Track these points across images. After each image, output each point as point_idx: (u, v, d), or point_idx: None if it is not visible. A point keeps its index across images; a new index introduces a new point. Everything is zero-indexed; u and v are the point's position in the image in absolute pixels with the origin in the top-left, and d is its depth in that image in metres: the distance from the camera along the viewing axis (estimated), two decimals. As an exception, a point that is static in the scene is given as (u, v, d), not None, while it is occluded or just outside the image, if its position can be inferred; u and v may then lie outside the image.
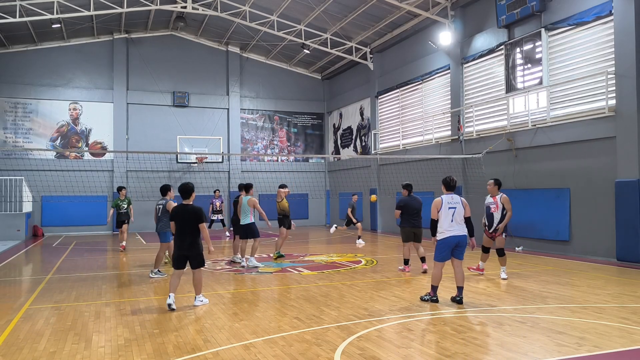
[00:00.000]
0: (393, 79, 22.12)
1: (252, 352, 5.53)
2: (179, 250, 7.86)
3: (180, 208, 7.95)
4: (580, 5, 13.40)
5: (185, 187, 8.05)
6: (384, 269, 11.64)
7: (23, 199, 20.39)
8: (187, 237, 7.79)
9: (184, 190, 8.03)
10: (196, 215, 7.83)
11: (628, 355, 5.35)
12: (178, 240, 7.86)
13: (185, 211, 7.87)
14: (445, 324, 6.60)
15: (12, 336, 6.33)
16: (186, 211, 7.87)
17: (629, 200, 11.92)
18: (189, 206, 7.94)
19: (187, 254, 7.84)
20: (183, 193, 8.02)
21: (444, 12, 18.25)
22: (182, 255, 7.86)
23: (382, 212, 23.22)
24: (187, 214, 7.83)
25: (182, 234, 7.81)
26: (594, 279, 9.92)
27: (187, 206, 7.94)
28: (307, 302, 8.04)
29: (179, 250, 7.86)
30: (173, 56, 26.04)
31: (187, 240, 7.80)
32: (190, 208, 7.91)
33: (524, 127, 15.08)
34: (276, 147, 28.13)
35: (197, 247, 7.88)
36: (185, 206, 7.94)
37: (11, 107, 23.61)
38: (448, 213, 7.86)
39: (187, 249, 7.81)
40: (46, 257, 15.12)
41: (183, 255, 7.86)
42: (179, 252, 7.86)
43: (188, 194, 8.03)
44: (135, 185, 22.76)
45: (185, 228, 7.80)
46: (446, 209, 7.88)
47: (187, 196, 8.02)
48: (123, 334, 6.35)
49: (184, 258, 7.88)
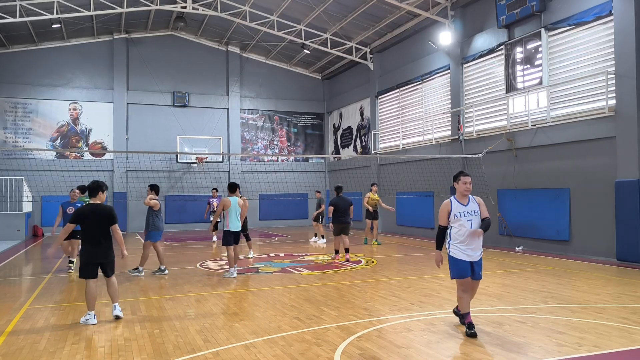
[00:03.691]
0: (393, 79, 22.11)
1: (252, 352, 5.53)
2: (91, 257, 6.99)
3: (89, 208, 7.05)
4: (580, 5, 13.40)
5: (95, 185, 7.18)
6: (384, 269, 11.64)
7: (23, 199, 20.39)
8: (102, 241, 6.99)
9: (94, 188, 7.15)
10: (109, 217, 7.07)
11: (628, 355, 5.35)
12: (89, 246, 6.98)
13: (95, 212, 7.01)
14: (445, 324, 6.60)
15: (12, 336, 6.33)
16: (97, 212, 7.03)
17: (629, 200, 11.92)
18: (101, 206, 7.12)
19: (102, 260, 7.08)
20: (92, 191, 7.14)
21: (444, 12, 18.25)
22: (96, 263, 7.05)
23: (381, 212, 23.18)
24: (99, 215, 7.01)
25: (94, 238, 6.97)
26: (594, 279, 9.92)
27: (99, 206, 7.10)
28: (307, 302, 8.04)
29: (91, 258, 6.99)
30: (173, 56, 26.04)
31: (102, 245, 7.01)
32: (102, 208, 7.10)
33: (524, 127, 15.08)
34: (276, 147, 28.13)
35: (112, 252, 7.16)
36: (96, 206, 7.09)
37: (11, 107, 23.61)
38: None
39: (102, 255, 7.04)
40: (46, 257, 15.12)
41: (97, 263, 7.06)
42: (91, 259, 7.00)
43: (96, 192, 7.15)
44: (135, 185, 22.79)
45: (97, 231, 6.97)
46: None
47: (94, 194, 7.15)
48: (123, 334, 6.35)
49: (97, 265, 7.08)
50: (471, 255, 6.19)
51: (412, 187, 20.12)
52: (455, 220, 6.21)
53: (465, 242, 6.18)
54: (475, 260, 6.21)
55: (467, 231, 6.16)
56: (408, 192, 20.50)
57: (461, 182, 6.31)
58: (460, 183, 6.31)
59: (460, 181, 6.32)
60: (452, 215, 6.21)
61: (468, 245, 6.18)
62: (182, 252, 14.12)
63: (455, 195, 6.38)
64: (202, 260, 13.42)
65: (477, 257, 6.22)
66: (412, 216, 20.80)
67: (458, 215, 6.20)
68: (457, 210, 6.21)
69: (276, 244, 17.78)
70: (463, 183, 6.30)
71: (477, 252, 6.21)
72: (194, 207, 24.80)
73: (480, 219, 6.25)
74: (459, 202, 6.28)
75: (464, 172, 6.47)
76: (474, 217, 6.21)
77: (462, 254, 6.18)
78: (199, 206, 24.63)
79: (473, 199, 6.36)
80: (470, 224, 6.18)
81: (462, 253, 6.18)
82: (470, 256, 6.19)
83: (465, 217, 6.18)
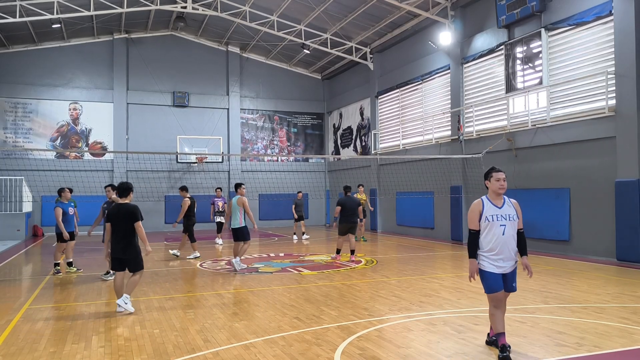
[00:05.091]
0: (393, 79, 22.12)
1: (252, 352, 5.53)
2: (113, 252, 7.65)
3: (116, 207, 7.73)
4: (580, 5, 13.40)
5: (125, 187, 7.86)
6: (384, 268, 11.63)
7: (23, 199, 20.39)
8: (122, 238, 7.56)
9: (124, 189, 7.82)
10: (132, 215, 7.59)
11: (628, 355, 5.34)
12: (113, 242, 7.64)
13: (120, 210, 7.64)
14: (445, 324, 6.60)
15: (12, 336, 6.33)
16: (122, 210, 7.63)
17: (629, 200, 11.92)
18: (126, 205, 7.70)
19: (121, 256, 7.60)
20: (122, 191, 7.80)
21: (444, 12, 18.25)
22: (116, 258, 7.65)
23: (381, 212, 23.23)
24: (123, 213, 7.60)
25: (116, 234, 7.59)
26: (594, 279, 9.92)
27: (124, 205, 7.70)
28: (307, 302, 8.04)
29: (113, 252, 7.65)
30: (173, 56, 26.04)
31: (122, 242, 7.56)
32: (126, 206, 7.66)
33: (524, 127, 15.08)
34: (276, 147, 28.13)
35: (133, 249, 7.63)
36: (123, 205, 7.71)
37: (11, 107, 23.61)
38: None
39: (121, 251, 7.58)
40: (46, 257, 15.12)
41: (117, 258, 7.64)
42: (113, 253, 7.66)
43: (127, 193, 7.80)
44: (135, 185, 22.71)
45: (120, 228, 7.58)
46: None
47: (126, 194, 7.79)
48: (123, 334, 6.35)
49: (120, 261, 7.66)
50: (502, 266, 5.25)
51: (412, 187, 20.13)
52: (486, 224, 5.25)
53: (494, 250, 5.23)
54: (508, 272, 5.29)
55: (498, 238, 5.22)
56: (408, 192, 20.50)
57: (494, 179, 5.34)
58: (493, 180, 5.34)
59: (492, 178, 5.36)
60: (483, 218, 5.27)
61: (498, 254, 5.23)
62: (182, 252, 14.13)
63: (488, 194, 5.43)
64: (202, 261, 13.42)
65: (509, 268, 5.28)
66: (412, 216, 20.80)
67: (490, 218, 5.25)
68: (489, 212, 5.26)
69: (276, 244, 17.78)
70: (496, 180, 5.33)
71: (508, 263, 5.28)
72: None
73: (515, 227, 5.28)
74: (491, 203, 5.32)
75: (496, 167, 5.51)
76: (508, 223, 5.23)
77: (492, 265, 5.25)
78: (199, 206, 24.55)
79: (509, 201, 5.39)
80: (503, 230, 5.22)
81: (492, 264, 5.25)
82: (502, 267, 5.25)
83: (497, 222, 5.23)
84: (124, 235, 7.55)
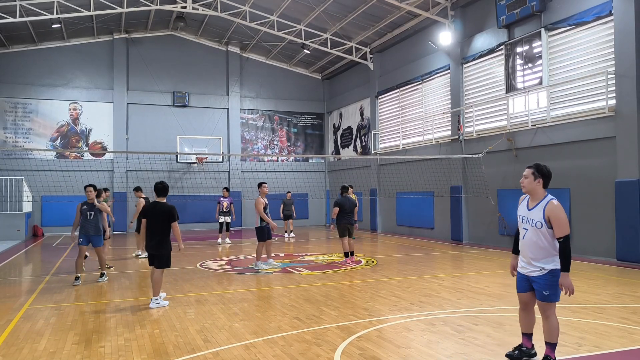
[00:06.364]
0: (393, 79, 22.11)
1: (252, 352, 5.53)
2: (147, 247, 8.11)
3: (152, 205, 8.12)
4: (580, 5, 13.40)
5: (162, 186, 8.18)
6: (384, 269, 11.64)
7: (23, 199, 20.38)
8: (156, 235, 7.95)
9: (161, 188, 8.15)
10: (169, 214, 7.95)
11: (628, 355, 5.35)
12: (148, 238, 8.07)
13: (156, 208, 8.02)
14: (445, 324, 6.60)
15: (12, 336, 6.33)
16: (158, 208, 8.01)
17: (629, 200, 11.92)
18: (162, 204, 8.07)
19: (153, 252, 8.02)
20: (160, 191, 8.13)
21: (444, 12, 18.25)
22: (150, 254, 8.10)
23: (381, 212, 23.23)
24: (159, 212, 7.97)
25: (151, 231, 7.99)
26: (594, 279, 9.92)
27: (161, 203, 8.06)
28: (307, 302, 8.04)
29: (147, 248, 8.11)
30: (173, 56, 26.03)
31: (156, 239, 7.95)
32: (163, 205, 8.04)
33: (524, 127, 15.08)
34: (276, 147, 28.13)
35: (165, 247, 8.00)
36: (159, 203, 8.07)
37: (11, 107, 23.60)
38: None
39: (154, 247, 7.98)
40: (46, 257, 15.12)
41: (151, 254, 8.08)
42: (148, 249, 8.11)
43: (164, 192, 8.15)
44: (135, 185, 22.72)
45: (155, 226, 7.96)
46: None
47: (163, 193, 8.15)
48: (123, 334, 6.35)
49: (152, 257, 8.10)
50: (525, 267, 4.97)
51: (412, 187, 20.13)
52: (518, 222, 5.08)
53: (521, 250, 5.03)
54: (532, 276, 4.91)
55: (522, 240, 4.99)
56: (408, 192, 20.50)
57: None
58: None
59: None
60: (518, 216, 5.08)
61: (522, 254, 5.02)
62: (182, 252, 14.11)
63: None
64: (202, 260, 13.43)
65: (532, 271, 4.90)
66: (412, 216, 20.80)
67: (519, 218, 5.07)
68: (519, 211, 5.06)
69: (276, 244, 17.77)
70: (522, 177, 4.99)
71: (529, 267, 4.91)
72: (194, 207, 24.80)
73: (540, 235, 4.83)
74: (526, 202, 5.05)
75: (533, 164, 5.12)
76: (531, 228, 4.87)
77: (519, 264, 5.08)
78: (199, 206, 24.67)
79: (544, 207, 4.85)
80: (524, 234, 4.95)
81: (519, 263, 5.08)
82: (525, 269, 4.97)
83: (522, 224, 4.99)
84: (159, 232, 7.92)
